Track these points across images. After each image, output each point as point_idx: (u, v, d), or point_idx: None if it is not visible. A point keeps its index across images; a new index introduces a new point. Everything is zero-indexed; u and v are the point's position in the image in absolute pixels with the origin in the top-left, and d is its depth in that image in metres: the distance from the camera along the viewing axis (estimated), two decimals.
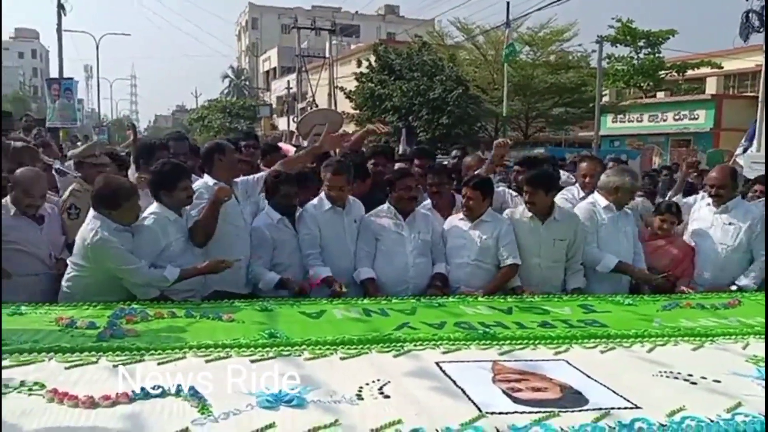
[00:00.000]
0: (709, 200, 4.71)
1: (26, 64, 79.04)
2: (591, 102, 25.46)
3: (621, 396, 2.30)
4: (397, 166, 5.12)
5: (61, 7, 23.92)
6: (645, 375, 2.56)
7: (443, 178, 4.59)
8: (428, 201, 4.62)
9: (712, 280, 4.47)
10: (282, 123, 41.21)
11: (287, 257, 4.07)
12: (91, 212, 3.60)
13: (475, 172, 4.72)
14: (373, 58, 26.43)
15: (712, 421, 2.10)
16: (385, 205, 4.23)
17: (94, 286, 3.52)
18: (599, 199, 4.49)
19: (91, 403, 2.06)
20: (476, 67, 26.34)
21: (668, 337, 3.06)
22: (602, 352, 2.85)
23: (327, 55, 35.07)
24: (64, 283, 3.63)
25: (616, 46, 31.56)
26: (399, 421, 2.00)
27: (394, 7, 66.21)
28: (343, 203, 4.18)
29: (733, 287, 4.35)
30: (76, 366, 2.43)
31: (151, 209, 3.76)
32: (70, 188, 4.38)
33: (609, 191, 4.44)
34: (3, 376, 2.27)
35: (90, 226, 3.53)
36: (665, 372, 2.59)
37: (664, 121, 29.36)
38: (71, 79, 20.39)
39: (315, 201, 4.23)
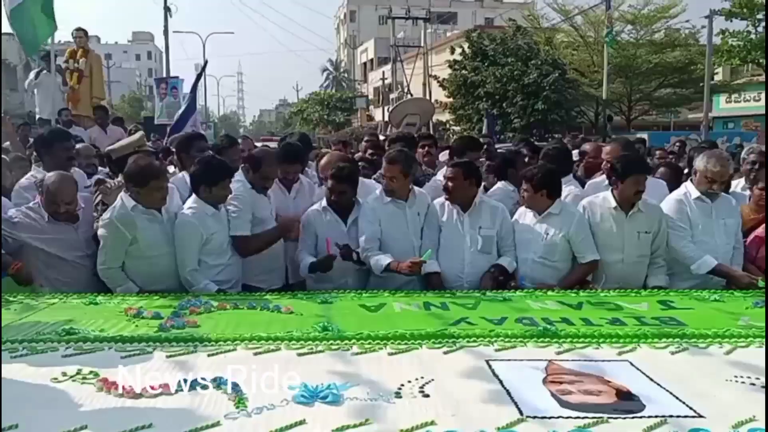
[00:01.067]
0: None
1: (142, 65, 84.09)
2: (701, 81, 23.89)
3: (684, 403, 2.11)
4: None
5: (167, 9, 25.24)
6: (716, 380, 2.34)
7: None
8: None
9: None
10: (378, 114, 41.50)
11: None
12: (122, 192, 3.73)
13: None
14: (466, 45, 26.05)
15: None
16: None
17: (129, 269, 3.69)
18: (691, 190, 4.12)
19: (135, 394, 2.13)
20: (574, 50, 25.38)
21: (753, 338, 2.79)
22: (673, 353, 2.64)
23: (422, 44, 34.92)
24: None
25: (731, 20, 29.35)
26: (432, 422, 1.93)
27: None
28: (404, 195, 4.04)
29: None
30: (132, 356, 2.52)
31: (189, 203, 3.84)
32: (97, 178, 4.46)
33: (694, 178, 4.12)
34: (65, 365, 2.40)
35: (115, 203, 3.69)
36: (740, 377, 2.36)
37: None
38: (177, 77, 21.42)
39: (377, 193, 4.13)
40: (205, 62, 9.57)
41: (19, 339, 2.65)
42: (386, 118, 32.27)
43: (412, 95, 26.58)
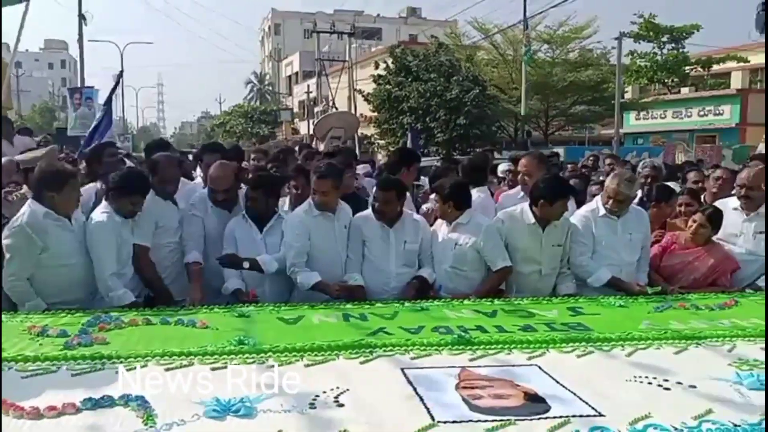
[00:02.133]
0: (736, 203, 4.38)
1: (55, 74, 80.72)
2: (612, 99, 25.08)
3: (586, 403, 2.22)
4: None
5: (81, 17, 24.34)
6: (617, 380, 2.47)
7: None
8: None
9: None
10: (303, 127, 41.35)
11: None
12: (30, 200, 3.56)
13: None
14: (390, 61, 26.37)
15: (675, 428, 2.00)
16: (369, 211, 4.12)
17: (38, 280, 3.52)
18: (599, 206, 4.22)
19: (36, 414, 2.04)
20: (494, 67, 26.13)
21: (652, 340, 2.95)
22: (578, 356, 2.76)
23: (347, 58, 35.10)
24: None
25: (639, 42, 31.15)
26: (345, 431, 1.95)
27: (416, 9, 66.11)
28: (333, 209, 4.07)
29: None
30: (35, 375, 2.42)
31: (101, 208, 3.73)
32: None
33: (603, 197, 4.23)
34: None
35: (22, 210, 3.52)
36: (639, 377, 2.50)
37: (689, 117, 28.81)
38: (92, 87, 20.60)
39: (304, 205, 4.10)
40: (120, 73, 9.22)
41: None
42: (311, 132, 32.23)
43: (337, 109, 26.62)
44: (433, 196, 4.69)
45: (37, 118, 48.27)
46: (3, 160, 5.25)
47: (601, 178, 5.66)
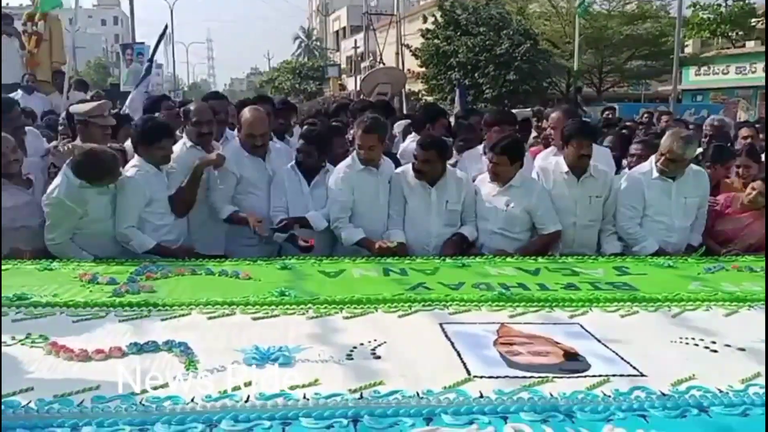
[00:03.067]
0: None
1: (108, 31, 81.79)
2: (671, 54, 24.03)
3: (628, 363, 2.17)
4: None
5: None
6: (662, 341, 2.40)
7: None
8: None
9: None
10: (350, 83, 41.10)
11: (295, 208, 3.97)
12: (64, 167, 3.59)
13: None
14: (439, 14, 25.81)
15: (720, 391, 1.94)
16: (410, 166, 4.04)
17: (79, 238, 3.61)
18: (653, 168, 4.03)
19: (85, 356, 2.12)
20: (546, 20, 25.32)
21: (701, 301, 2.86)
22: (623, 316, 2.70)
23: (395, 12, 34.50)
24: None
25: None
26: (380, 383, 1.96)
27: None
28: (377, 163, 4.04)
29: None
30: (84, 320, 2.51)
31: (132, 162, 3.78)
32: (48, 147, 4.35)
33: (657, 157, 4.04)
34: (15, 328, 2.37)
35: (58, 180, 3.56)
36: (686, 338, 2.43)
37: (753, 72, 27.33)
38: (143, 43, 20.83)
39: (348, 160, 4.07)
40: (165, 28, 9.19)
41: None
42: (358, 88, 31.97)
43: (384, 64, 26.28)
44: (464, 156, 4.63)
45: (92, 74, 49.16)
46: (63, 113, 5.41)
47: (643, 136, 5.39)
